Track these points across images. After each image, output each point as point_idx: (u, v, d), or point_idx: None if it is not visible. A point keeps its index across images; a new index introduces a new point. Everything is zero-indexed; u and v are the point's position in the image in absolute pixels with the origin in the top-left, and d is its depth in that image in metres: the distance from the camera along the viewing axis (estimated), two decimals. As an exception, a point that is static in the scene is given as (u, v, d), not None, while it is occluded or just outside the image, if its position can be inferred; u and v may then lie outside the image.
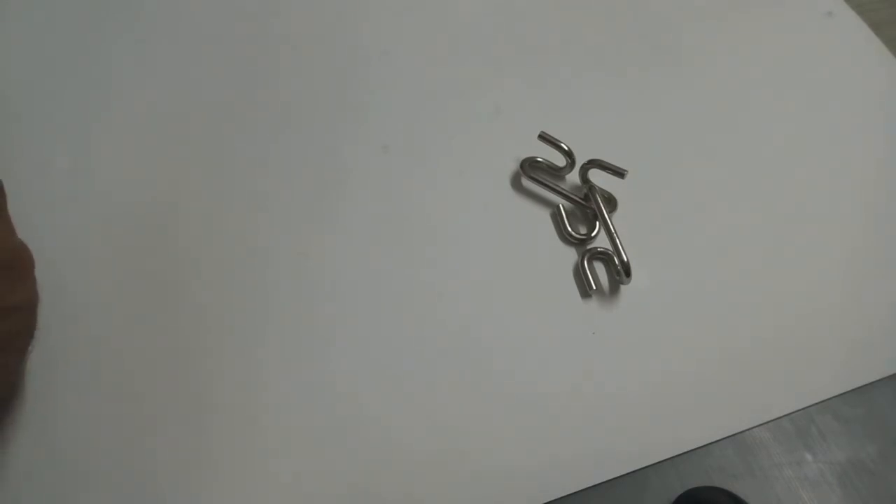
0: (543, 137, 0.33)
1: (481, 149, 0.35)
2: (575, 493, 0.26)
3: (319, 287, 0.30)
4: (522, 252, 0.32)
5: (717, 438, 0.28)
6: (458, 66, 0.38)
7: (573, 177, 0.34)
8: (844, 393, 0.30)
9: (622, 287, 0.31)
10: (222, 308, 0.29)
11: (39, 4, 0.38)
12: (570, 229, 0.32)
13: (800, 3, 0.42)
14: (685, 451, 0.28)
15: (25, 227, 0.27)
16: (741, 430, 0.28)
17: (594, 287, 0.31)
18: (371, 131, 0.35)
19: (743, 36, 0.41)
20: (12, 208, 0.27)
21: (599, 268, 0.32)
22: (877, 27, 0.42)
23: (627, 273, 0.31)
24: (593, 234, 0.32)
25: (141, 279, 0.30)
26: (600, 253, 0.32)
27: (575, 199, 0.34)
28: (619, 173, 0.31)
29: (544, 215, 0.33)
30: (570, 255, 0.32)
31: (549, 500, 0.26)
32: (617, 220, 0.32)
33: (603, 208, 0.32)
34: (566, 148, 0.33)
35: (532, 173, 0.34)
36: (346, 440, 0.27)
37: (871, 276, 0.33)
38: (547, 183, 0.34)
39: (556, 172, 0.34)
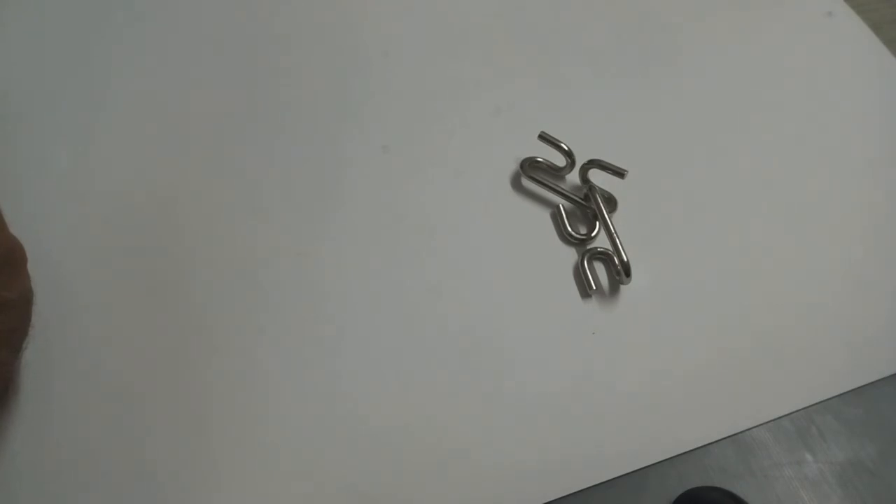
0: (543, 137, 0.33)
1: (481, 149, 0.35)
2: (575, 493, 0.26)
3: (319, 287, 0.30)
4: (522, 252, 0.32)
5: (717, 438, 0.28)
6: (458, 66, 0.38)
7: (573, 177, 0.34)
8: (844, 393, 0.29)
9: (622, 287, 0.31)
10: (221, 307, 0.29)
11: (39, 3, 0.38)
12: (570, 229, 0.32)
13: (800, 3, 0.42)
14: (685, 451, 0.28)
15: (23, 224, 0.27)
16: (741, 430, 0.28)
17: (594, 287, 0.31)
18: (371, 131, 0.35)
19: (743, 36, 0.41)
20: (9, 205, 0.27)
21: (599, 268, 0.32)
22: (877, 27, 0.42)
23: (627, 273, 0.31)
24: (593, 234, 0.32)
25: (139, 277, 0.30)
26: (600, 253, 0.32)
27: (575, 199, 0.33)
28: (619, 173, 0.31)
29: (544, 215, 0.33)
30: (570, 255, 0.32)
31: (549, 500, 0.26)
32: (617, 220, 0.32)
33: (603, 208, 0.32)
34: (566, 148, 0.33)
35: (532, 173, 0.34)
36: (346, 440, 0.27)
37: (871, 275, 0.33)
38: (547, 183, 0.34)
39: (556, 172, 0.34)
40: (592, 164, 0.32)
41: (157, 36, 0.37)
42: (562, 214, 0.33)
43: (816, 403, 0.29)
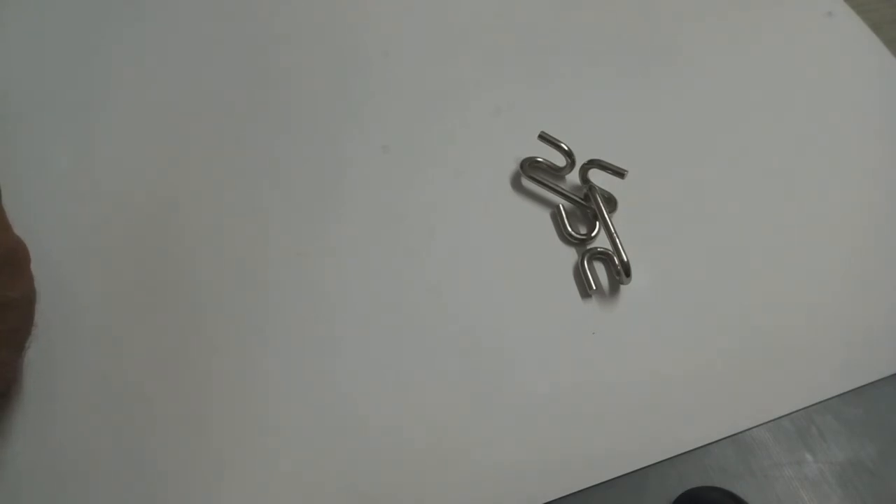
0: (543, 137, 0.33)
1: (481, 149, 0.35)
2: (575, 493, 0.26)
3: (319, 287, 0.30)
4: (522, 252, 0.32)
5: (717, 438, 0.28)
6: (458, 67, 0.38)
7: (573, 177, 0.34)
8: (844, 393, 0.29)
9: (622, 287, 0.31)
10: (221, 307, 0.29)
11: (39, 3, 0.38)
12: (570, 229, 0.32)
13: (800, 3, 0.42)
14: (685, 451, 0.28)
15: (25, 224, 0.27)
16: (741, 430, 0.28)
17: (594, 287, 0.31)
18: (371, 131, 0.35)
19: (743, 36, 0.41)
20: (12, 205, 0.27)
21: (599, 268, 0.32)
22: (877, 27, 0.42)
23: (627, 273, 0.31)
24: (593, 234, 0.32)
25: (141, 276, 0.30)
26: (600, 253, 0.32)
27: (575, 199, 0.33)
28: (619, 173, 0.31)
29: (544, 215, 0.33)
30: (570, 255, 0.32)
31: (549, 500, 0.26)
32: (617, 220, 0.32)
33: (603, 208, 0.32)
34: (566, 148, 0.33)
35: (532, 173, 0.34)
36: (345, 440, 0.27)
37: (871, 276, 0.33)
38: (547, 183, 0.34)
39: (556, 172, 0.34)
40: (592, 164, 0.32)
41: (157, 36, 0.37)
42: (562, 214, 0.33)
43: (816, 403, 0.29)
